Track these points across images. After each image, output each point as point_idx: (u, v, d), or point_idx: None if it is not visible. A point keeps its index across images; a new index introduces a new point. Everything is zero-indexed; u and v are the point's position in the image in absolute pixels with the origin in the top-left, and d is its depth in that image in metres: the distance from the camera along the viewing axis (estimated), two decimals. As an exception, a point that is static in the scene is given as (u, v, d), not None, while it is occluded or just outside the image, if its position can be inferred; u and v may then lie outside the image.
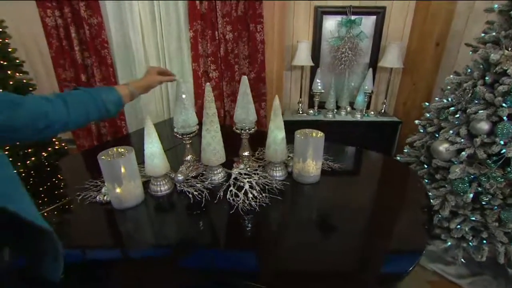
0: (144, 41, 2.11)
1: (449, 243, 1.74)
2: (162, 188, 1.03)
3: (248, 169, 1.17)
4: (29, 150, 1.89)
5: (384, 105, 2.26)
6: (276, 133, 1.06)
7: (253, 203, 0.95)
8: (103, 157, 0.89)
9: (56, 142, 2.09)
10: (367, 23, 2.13)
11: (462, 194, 1.56)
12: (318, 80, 2.19)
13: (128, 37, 2.10)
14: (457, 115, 1.63)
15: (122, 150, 0.94)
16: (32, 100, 0.69)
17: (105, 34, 2.03)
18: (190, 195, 1.01)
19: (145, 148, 0.98)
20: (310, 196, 1.07)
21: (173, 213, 0.99)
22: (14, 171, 0.55)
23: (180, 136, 1.12)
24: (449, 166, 1.63)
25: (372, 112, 2.26)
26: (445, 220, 1.71)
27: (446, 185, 1.65)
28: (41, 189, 1.08)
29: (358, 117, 2.21)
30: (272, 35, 2.05)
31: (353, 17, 2.10)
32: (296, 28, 2.19)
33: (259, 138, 1.27)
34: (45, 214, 0.91)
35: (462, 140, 1.58)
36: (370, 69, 2.17)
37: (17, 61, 1.87)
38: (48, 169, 1.32)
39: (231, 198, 0.98)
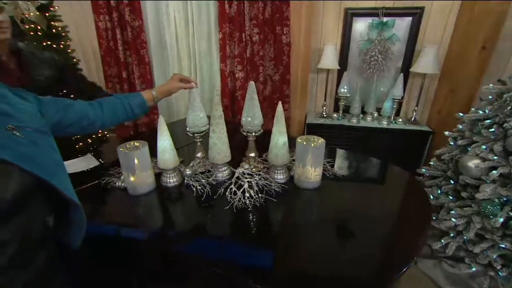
0: (178, 42, 2.29)
1: (474, 269, 1.61)
2: (171, 180, 1.15)
3: (253, 169, 1.24)
4: (78, 136, 2.19)
5: (415, 113, 2.12)
6: (278, 138, 1.10)
7: (247, 202, 1.01)
8: (121, 149, 1.03)
9: (100, 130, 2.38)
10: (401, 25, 2.01)
11: (491, 217, 1.43)
12: (344, 84, 2.14)
13: (163, 38, 2.29)
14: (493, 129, 1.48)
15: (138, 144, 1.08)
16: (79, 104, 0.90)
17: (144, 36, 2.24)
18: (194, 189, 1.11)
19: (157, 144, 1.10)
20: (306, 200, 1.09)
21: (178, 203, 1.10)
22: (60, 156, 0.71)
23: (192, 135, 1.23)
24: (479, 184, 1.49)
25: (401, 120, 2.14)
26: (470, 243, 1.58)
27: (473, 205, 1.52)
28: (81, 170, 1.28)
29: (384, 124, 2.11)
30: (299, 38, 2.06)
31: (385, 19, 2.00)
32: (324, 31, 2.16)
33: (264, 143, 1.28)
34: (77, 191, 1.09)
35: (496, 157, 1.44)
36: (401, 74, 2.05)
37: (74, 60, 2.17)
38: (92, 153, 1.54)
39: (229, 196, 1.06)
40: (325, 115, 2.26)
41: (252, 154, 1.28)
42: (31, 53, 1.29)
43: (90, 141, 2.29)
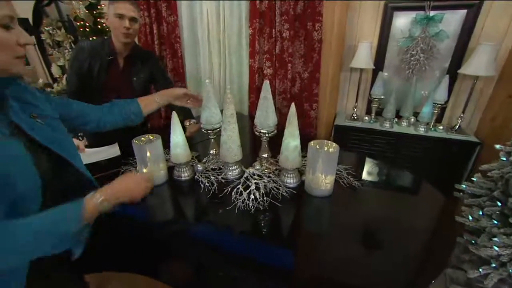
0: (209, 37, 2.32)
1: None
2: (182, 174, 1.18)
3: (265, 170, 1.21)
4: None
5: (460, 120, 1.87)
6: (289, 141, 1.06)
7: (251, 204, 1.00)
8: (135, 141, 1.08)
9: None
10: (451, 19, 1.78)
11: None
12: (378, 85, 1.98)
13: (196, 33, 2.34)
14: (555, 147, 1.24)
15: (152, 137, 1.12)
16: (77, 103, 0.92)
17: (178, 31, 2.32)
18: (202, 186, 1.13)
19: (170, 139, 1.13)
20: (312, 209, 1.04)
21: (183, 198, 1.13)
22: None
23: (205, 131, 1.24)
24: (531, 210, 1.28)
25: (442, 127, 1.91)
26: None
27: (521, 233, 1.30)
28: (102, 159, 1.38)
29: (421, 130, 1.91)
30: (331, 34, 1.95)
31: (432, 13, 1.78)
32: (360, 27, 2.00)
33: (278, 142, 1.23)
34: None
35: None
36: (447, 76, 1.82)
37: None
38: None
39: (234, 195, 1.05)
40: (355, 117, 2.12)
41: (265, 155, 1.25)
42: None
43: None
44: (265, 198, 1.03)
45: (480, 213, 1.53)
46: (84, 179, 0.76)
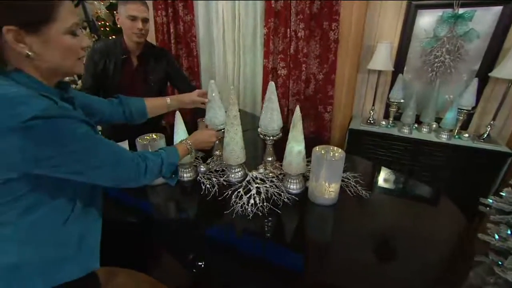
0: (224, 36, 2.32)
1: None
2: (186, 174, 1.18)
3: (270, 174, 1.18)
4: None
5: (489, 128, 1.71)
6: (293, 145, 1.01)
7: (249, 209, 0.97)
8: (139, 140, 1.09)
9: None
10: (484, 17, 1.63)
11: None
12: (398, 88, 1.86)
13: (211, 32, 2.34)
14: None
15: (156, 136, 1.12)
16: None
17: (194, 30, 2.34)
18: (203, 187, 1.11)
19: (174, 138, 1.13)
20: (314, 218, 0.99)
21: (185, 198, 1.12)
22: None
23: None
24: None
25: (467, 135, 1.76)
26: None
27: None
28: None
29: (444, 138, 1.77)
30: (348, 34, 1.86)
31: (461, 11, 1.64)
32: (380, 26, 1.90)
33: None
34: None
35: None
36: (475, 79, 1.67)
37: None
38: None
39: (234, 199, 1.02)
40: (372, 121, 2.02)
41: (270, 159, 1.22)
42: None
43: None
44: (265, 203, 1.00)
45: (509, 232, 1.39)
46: None
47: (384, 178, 1.27)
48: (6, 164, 0.54)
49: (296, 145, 1.01)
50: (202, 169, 1.20)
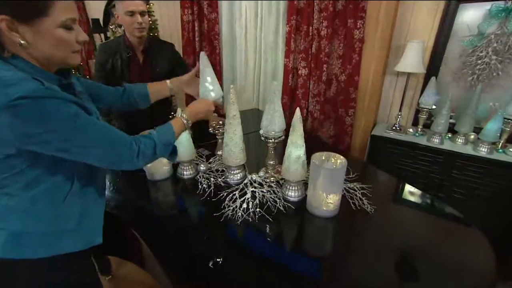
0: (246, 34, 2.29)
1: None
2: (185, 172, 1.17)
3: (271, 179, 1.12)
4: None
5: (541, 144, 1.46)
6: (291, 149, 0.95)
7: (240, 214, 0.92)
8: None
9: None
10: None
11: None
12: (430, 92, 1.67)
13: (234, 30, 2.33)
14: None
15: (157, 132, 1.13)
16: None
17: (218, 27, 2.35)
18: (200, 186, 1.10)
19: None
20: (309, 230, 0.92)
21: (179, 195, 1.11)
22: None
23: (212, 130, 1.21)
24: None
25: (513, 150, 1.52)
26: None
27: None
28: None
29: (483, 151, 1.55)
30: (375, 32, 1.72)
31: (514, 5, 1.42)
32: (412, 24, 1.72)
33: (306, 146, 1.02)
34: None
35: None
36: (526, 86, 1.44)
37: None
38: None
39: (227, 201, 0.99)
40: (398, 128, 1.84)
41: (271, 162, 1.16)
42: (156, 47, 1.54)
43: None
44: (257, 209, 0.95)
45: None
46: None
47: (397, 192, 1.14)
48: (1, 141, 0.58)
49: (295, 150, 0.95)
50: (202, 168, 1.18)
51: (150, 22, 2.43)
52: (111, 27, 3.13)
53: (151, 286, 1.37)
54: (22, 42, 0.58)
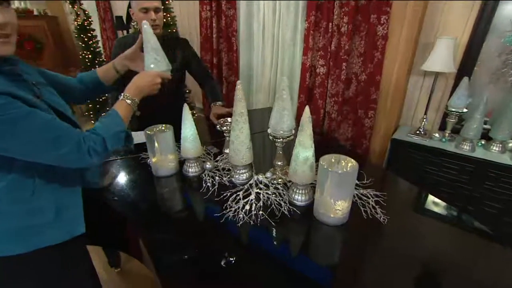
0: (264, 31, 2.24)
1: None
2: (190, 169, 1.14)
3: (280, 180, 1.07)
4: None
5: None
6: (299, 150, 0.89)
7: (241, 216, 0.88)
8: (148, 131, 1.09)
9: (191, 111, 2.70)
10: None
11: None
12: (461, 94, 1.52)
13: (251, 26, 2.29)
14: None
15: (164, 128, 1.11)
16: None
17: (235, 24, 2.32)
18: (204, 184, 1.06)
19: (181, 131, 1.10)
20: (311, 238, 0.85)
21: (182, 193, 1.08)
22: None
23: (219, 128, 1.17)
24: None
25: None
26: None
27: None
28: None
29: (522, 161, 1.39)
30: (400, 28, 1.60)
31: None
32: (444, 18, 1.57)
33: (321, 148, 0.98)
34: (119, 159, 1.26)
35: None
36: None
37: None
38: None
39: (229, 201, 0.95)
40: (422, 132, 1.70)
41: (279, 163, 1.10)
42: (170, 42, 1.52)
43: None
44: (260, 212, 0.90)
45: None
46: (75, 123, 0.80)
47: (417, 202, 1.04)
48: None
49: (303, 151, 0.88)
50: (207, 166, 1.15)
51: (169, 18, 2.46)
52: (133, 23, 3.22)
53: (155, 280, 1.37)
54: None
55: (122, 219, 0.96)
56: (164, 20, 2.47)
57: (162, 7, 1.43)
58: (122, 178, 1.15)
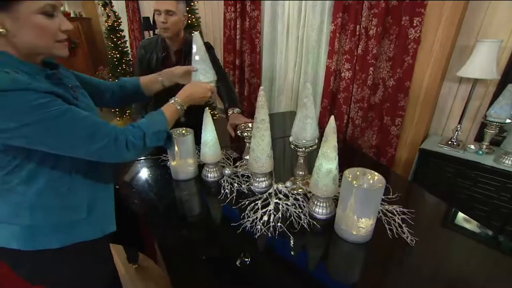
0: (288, 33, 2.20)
1: None
2: (209, 174, 1.14)
3: (299, 191, 1.04)
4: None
5: None
6: (322, 162, 0.85)
7: (259, 227, 0.85)
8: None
9: (212, 112, 2.72)
10: None
11: None
12: (504, 103, 1.40)
13: (276, 28, 2.26)
14: None
15: (184, 131, 1.12)
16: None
17: (259, 26, 2.30)
18: (222, 191, 1.05)
19: (202, 136, 1.09)
20: (331, 256, 0.81)
21: (204, 198, 1.07)
22: None
23: (240, 135, 1.16)
24: None
25: None
26: None
27: None
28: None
29: None
30: (435, 31, 1.49)
31: None
32: (487, 20, 1.45)
33: (347, 158, 0.98)
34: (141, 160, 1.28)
35: None
36: None
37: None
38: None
39: (247, 210, 0.93)
40: (455, 143, 1.58)
41: (300, 173, 1.06)
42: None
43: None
44: (278, 224, 0.87)
45: None
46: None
47: (448, 221, 0.96)
48: None
49: (326, 163, 0.84)
50: (226, 171, 1.14)
51: (193, 19, 2.49)
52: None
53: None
54: (1, 30, 0.57)
55: (139, 219, 0.98)
56: (189, 21, 2.52)
57: (177, 9, 1.35)
58: (142, 179, 1.17)
